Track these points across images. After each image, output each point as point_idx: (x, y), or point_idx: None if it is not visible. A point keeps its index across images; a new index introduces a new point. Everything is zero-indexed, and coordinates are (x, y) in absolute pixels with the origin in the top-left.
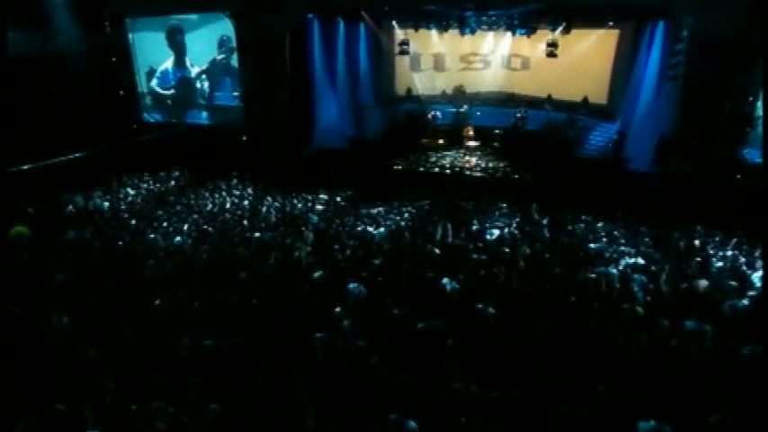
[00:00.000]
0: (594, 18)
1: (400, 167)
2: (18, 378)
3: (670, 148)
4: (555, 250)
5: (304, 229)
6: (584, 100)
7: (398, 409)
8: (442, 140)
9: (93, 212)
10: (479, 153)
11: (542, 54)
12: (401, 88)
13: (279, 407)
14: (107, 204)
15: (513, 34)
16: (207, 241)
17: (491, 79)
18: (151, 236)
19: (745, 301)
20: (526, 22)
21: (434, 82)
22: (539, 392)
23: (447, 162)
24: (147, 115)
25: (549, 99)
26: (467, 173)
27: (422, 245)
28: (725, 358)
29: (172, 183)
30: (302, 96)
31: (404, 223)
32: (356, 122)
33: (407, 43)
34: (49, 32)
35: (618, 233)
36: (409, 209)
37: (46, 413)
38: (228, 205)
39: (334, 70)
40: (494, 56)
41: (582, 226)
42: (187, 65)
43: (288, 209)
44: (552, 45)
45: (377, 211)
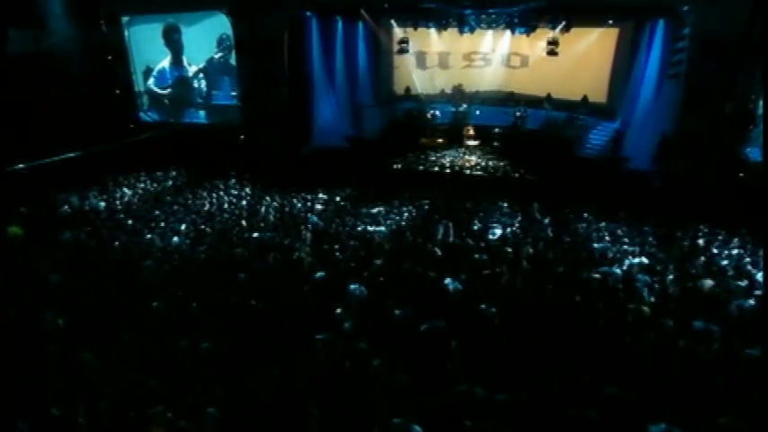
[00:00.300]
0: (594, 16)
1: (399, 167)
2: (11, 381)
3: (672, 146)
4: (558, 250)
5: (303, 229)
6: (584, 99)
7: (402, 414)
8: (441, 140)
9: (88, 212)
10: (479, 152)
11: (541, 53)
12: (400, 87)
13: (280, 411)
14: (103, 204)
15: (513, 33)
16: (205, 242)
17: (490, 78)
18: (148, 236)
19: (752, 301)
20: (526, 20)
21: (433, 81)
22: (546, 395)
23: (447, 161)
24: (143, 115)
25: (548, 98)
26: (467, 172)
27: (423, 244)
28: (733, 359)
29: (169, 182)
30: (300, 95)
31: (404, 223)
32: (354, 121)
33: (407, 41)
34: (43, 30)
35: (621, 232)
36: (410, 208)
37: (39, 418)
38: (226, 205)
39: (332, 69)
40: (493, 54)
41: (584, 225)
42: (184, 64)
43: (287, 209)
44: (553, 43)
45: (377, 210)
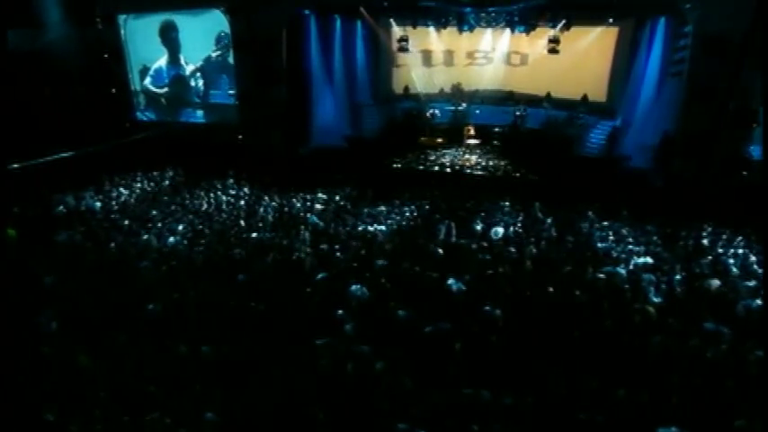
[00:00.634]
0: (594, 14)
1: (399, 166)
2: (3, 386)
3: (674, 145)
4: (562, 249)
5: (302, 230)
6: (584, 98)
7: (407, 418)
8: (440, 139)
9: (84, 213)
10: (479, 151)
11: (542, 51)
12: (399, 86)
13: (281, 416)
14: (99, 205)
15: (512, 31)
16: (203, 242)
17: (489, 77)
18: (145, 237)
19: (759, 301)
20: (526, 18)
21: (433, 79)
22: (553, 398)
23: (447, 161)
24: (140, 114)
25: (547, 97)
26: (467, 171)
27: (425, 245)
28: (744, 361)
29: (166, 182)
30: (299, 94)
31: (405, 223)
32: (353, 121)
33: (407, 40)
34: (38, 28)
35: (626, 231)
36: (411, 208)
37: (32, 424)
38: (225, 205)
39: (331, 68)
40: (492, 53)
41: (587, 225)
42: (181, 62)
43: (286, 209)
44: (554, 41)
45: (377, 210)
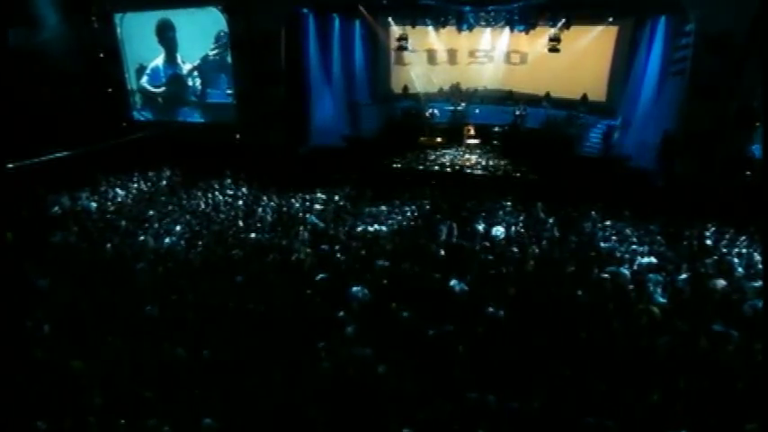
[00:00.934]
0: (594, 14)
1: (399, 166)
2: None
3: (675, 145)
4: (565, 249)
5: (302, 230)
6: (584, 97)
7: (411, 423)
8: (440, 138)
9: (80, 213)
10: (479, 151)
11: (541, 50)
12: (398, 86)
13: (282, 421)
14: (95, 205)
15: (512, 30)
16: (200, 243)
17: (489, 76)
18: (141, 237)
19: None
20: (525, 17)
21: (431, 79)
22: (561, 403)
23: (447, 160)
24: (137, 113)
25: (546, 97)
26: (467, 171)
27: (426, 245)
28: (754, 363)
29: (163, 182)
30: (297, 93)
31: (406, 223)
32: (352, 120)
33: (406, 38)
34: (33, 27)
35: (629, 231)
36: (411, 208)
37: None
38: (223, 206)
39: (329, 67)
40: (492, 53)
41: (589, 224)
42: (178, 61)
43: (285, 209)
44: (555, 40)
45: (378, 210)
